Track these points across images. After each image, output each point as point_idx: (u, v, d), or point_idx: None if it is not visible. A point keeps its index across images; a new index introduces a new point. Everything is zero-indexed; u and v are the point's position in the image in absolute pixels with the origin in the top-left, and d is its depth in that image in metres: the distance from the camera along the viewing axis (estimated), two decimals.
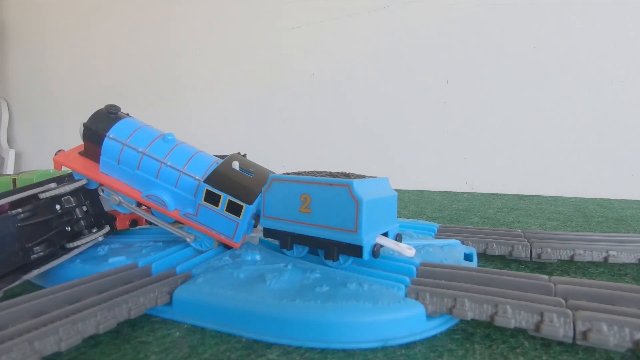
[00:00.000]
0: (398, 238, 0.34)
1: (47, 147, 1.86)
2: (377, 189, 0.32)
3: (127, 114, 0.39)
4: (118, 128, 0.37)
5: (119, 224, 0.43)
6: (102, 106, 0.38)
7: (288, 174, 0.35)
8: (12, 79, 2.00)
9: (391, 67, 1.15)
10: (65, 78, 1.83)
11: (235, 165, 0.37)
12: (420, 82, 1.11)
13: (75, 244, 0.37)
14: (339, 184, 0.30)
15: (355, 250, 0.30)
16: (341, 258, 0.32)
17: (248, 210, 0.35)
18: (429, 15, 1.08)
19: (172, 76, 1.56)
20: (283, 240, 0.34)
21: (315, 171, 0.37)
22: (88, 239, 0.38)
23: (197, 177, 0.36)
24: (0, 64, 2.00)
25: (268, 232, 0.35)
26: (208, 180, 0.35)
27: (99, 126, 0.37)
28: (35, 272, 0.33)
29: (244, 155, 0.48)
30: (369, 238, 0.30)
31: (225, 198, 0.35)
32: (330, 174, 0.34)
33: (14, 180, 0.58)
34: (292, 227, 0.33)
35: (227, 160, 0.38)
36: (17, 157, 1.94)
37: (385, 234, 0.33)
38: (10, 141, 1.98)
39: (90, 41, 1.75)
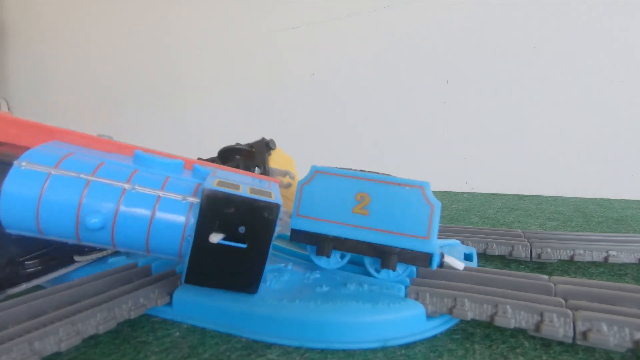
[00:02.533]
0: None
1: None
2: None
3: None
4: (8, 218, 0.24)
5: None
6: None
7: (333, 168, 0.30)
8: (12, 79, 2.00)
9: (391, 67, 1.15)
10: (65, 78, 1.83)
11: (215, 238, 0.25)
12: (420, 82, 1.11)
13: (84, 258, 0.34)
14: (412, 185, 0.27)
15: (422, 259, 0.27)
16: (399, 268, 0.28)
17: None
18: (429, 15, 1.08)
19: (172, 76, 1.56)
20: (321, 246, 0.29)
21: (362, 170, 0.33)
22: (98, 254, 0.35)
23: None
24: (0, 64, 2.00)
25: (298, 235, 0.29)
26: (187, 278, 0.26)
27: None
28: (25, 285, 0.30)
29: (268, 144, 0.40)
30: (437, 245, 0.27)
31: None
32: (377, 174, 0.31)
33: None
34: (340, 230, 0.28)
35: (203, 227, 0.25)
36: None
37: None
38: None
39: (90, 41, 1.74)
